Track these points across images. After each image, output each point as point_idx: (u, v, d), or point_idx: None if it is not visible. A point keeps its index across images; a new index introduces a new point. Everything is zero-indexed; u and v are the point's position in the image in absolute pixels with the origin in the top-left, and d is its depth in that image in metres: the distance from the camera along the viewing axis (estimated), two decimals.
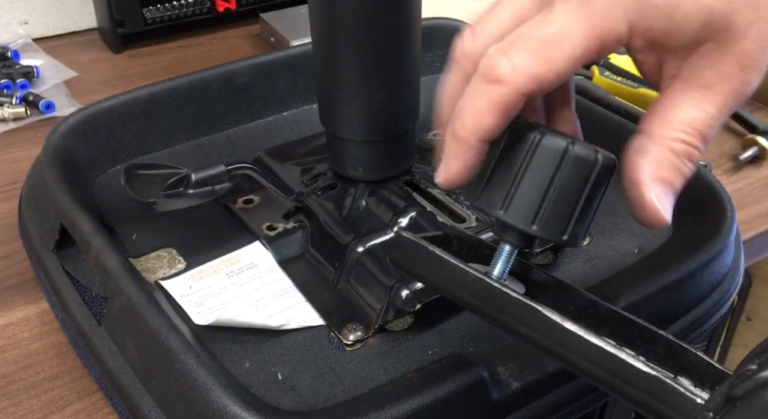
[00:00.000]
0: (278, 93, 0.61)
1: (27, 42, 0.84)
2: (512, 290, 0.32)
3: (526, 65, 0.30)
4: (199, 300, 0.45)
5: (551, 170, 0.31)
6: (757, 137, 0.65)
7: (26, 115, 0.71)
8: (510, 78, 0.30)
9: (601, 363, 0.29)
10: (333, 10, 0.44)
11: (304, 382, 0.40)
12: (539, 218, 0.32)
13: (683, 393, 0.27)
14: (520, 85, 0.30)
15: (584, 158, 0.31)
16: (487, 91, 0.30)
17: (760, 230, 0.58)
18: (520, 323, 0.31)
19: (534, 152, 0.31)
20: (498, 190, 0.32)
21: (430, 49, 0.65)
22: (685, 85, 0.31)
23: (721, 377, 0.28)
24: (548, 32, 0.30)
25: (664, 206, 0.31)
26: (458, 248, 0.39)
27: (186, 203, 0.48)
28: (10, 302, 0.51)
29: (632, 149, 0.32)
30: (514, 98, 0.30)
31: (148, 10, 0.82)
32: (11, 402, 0.44)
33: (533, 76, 0.30)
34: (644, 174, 0.31)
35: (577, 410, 0.41)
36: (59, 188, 0.47)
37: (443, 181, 0.33)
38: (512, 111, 0.31)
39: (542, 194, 0.31)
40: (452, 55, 0.34)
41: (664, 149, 0.31)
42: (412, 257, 0.35)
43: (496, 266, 0.34)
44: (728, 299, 0.46)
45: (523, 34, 0.30)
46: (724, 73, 0.30)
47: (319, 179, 0.52)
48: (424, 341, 0.42)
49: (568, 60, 0.29)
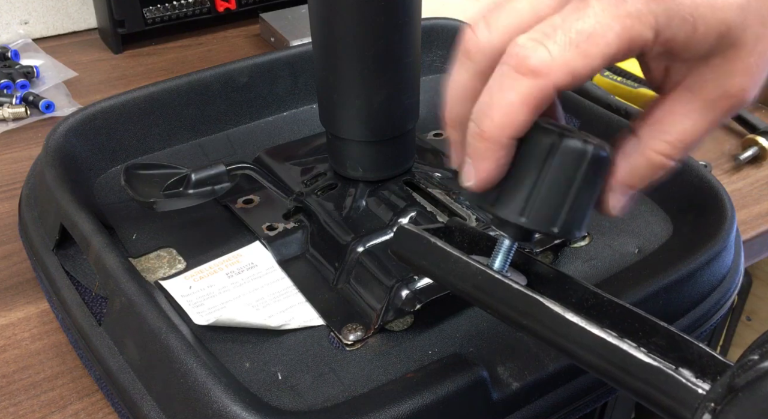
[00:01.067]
0: (278, 93, 0.61)
1: (27, 42, 0.84)
2: (514, 282, 0.32)
3: (564, 58, 0.28)
4: (199, 300, 0.45)
5: (540, 161, 0.31)
6: (757, 137, 0.65)
7: (26, 115, 0.71)
8: (547, 70, 0.28)
9: (602, 354, 0.29)
10: (333, 10, 0.44)
11: (304, 382, 0.40)
12: (528, 210, 0.31)
13: (685, 384, 0.27)
14: (558, 79, 0.28)
15: (574, 150, 0.31)
16: (520, 85, 0.28)
17: (760, 230, 0.58)
18: (522, 314, 0.31)
19: (522, 145, 0.31)
20: None
21: (430, 49, 0.65)
22: (687, 95, 0.31)
23: (722, 368, 0.28)
24: (586, 26, 0.28)
25: (620, 207, 0.33)
26: (460, 240, 0.39)
27: (186, 203, 0.48)
28: (10, 302, 0.51)
29: (619, 146, 0.32)
30: (549, 93, 0.28)
31: (148, 10, 0.82)
32: (11, 402, 0.44)
33: (571, 70, 0.28)
34: (618, 178, 0.32)
35: (577, 410, 0.41)
36: (59, 188, 0.47)
37: (474, 184, 0.32)
38: (544, 107, 0.29)
39: (531, 185, 0.31)
40: (463, 50, 0.31)
41: (645, 160, 0.32)
42: (413, 249, 0.35)
43: (497, 258, 0.34)
44: (728, 299, 0.46)
45: (558, 26, 0.28)
46: (726, 89, 0.30)
47: (319, 179, 0.52)
48: (424, 341, 0.42)
49: (604, 57, 0.28)
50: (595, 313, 0.33)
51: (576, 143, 0.31)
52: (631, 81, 0.71)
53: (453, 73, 0.32)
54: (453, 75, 0.32)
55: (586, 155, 0.31)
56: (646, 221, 0.51)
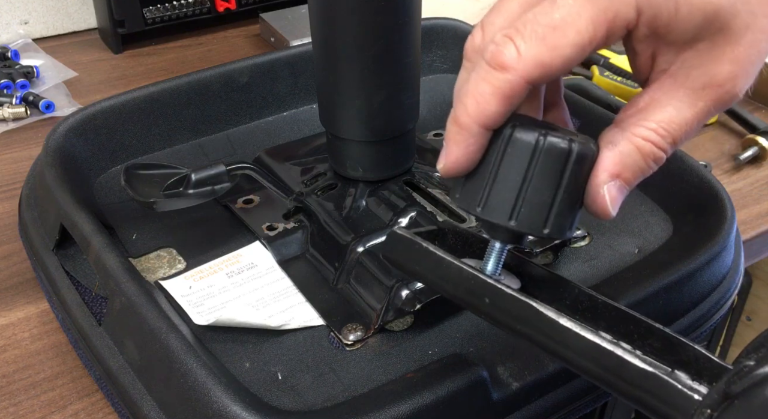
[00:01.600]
0: (278, 93, 0.61)
1: (27, 42, 0.84)
2: (506, 287, 0.31)
3: (532, 52, 0.29)
4: (199, 300, 0.45)
5: (524, 163, 0.31)
6: (757, 137, 0.65)
7: (26, 115, 0.71)
8: (516, 65, 0.29)
9: (597, 359, 0.29)
10: (333, 10, 0.44)
11: (304, 382, 0.40)
12: (516, 213, 0.31)
13: (680, 390, 0.27)
14: (526, 73, 0.29)
15: (557, 149, 0.30)
16: (492, 78, 0.30)
17: (760, 230, 0.58)
18: (515, 319, 0.31)
19: (506, 146, 0.31)
20: (475, 187, 0.32)
21: (430, 49, 0.65)
22: (672, 83, 0.31)
23: (718, 370, 0.28)
24: (554, 18, 0.29)
25: (614, 203, 0.31)
26: (453, 242, 0.39)
27: (186, 203, 0.48)
28: (10, 302, 0.51)
29: (603, 139, 0.32)
30: (519, 86, 0.30)
31: (148, 10, 0.82)
32: (11, 402, 0.44)
33: (539, 63, 0.29)
34: (604, 168, 0.31)
35: (577, 410, 0.41)
36: (59, 188, 0.47)
37: (443, 168, 0.33)
38: (517, 99, 0.30)
39: (517, 188, 0.31)
40: (464, 52, 0.33)
41: (632, 146, 0.31)
42: (406, 254, 0.35)
43: (489, 262, 0.34)
44: (728, 299, 0.46)
45: (528, 20, 0.30)
46: (712, 76, 0.30)
47: (319, 179, 0.52)
48: (424, 341, 0.42)
49: (575, 46, 0.29)
50: (590, 315, 0.33)
51: (560, 141, 0.30)
52: (631, 81, 0.71)
53: (459, 74, 0.34)
54: (459, 76, 0.34)
55: (571, 152, 0.30)
56: (646, 221, 0.51)
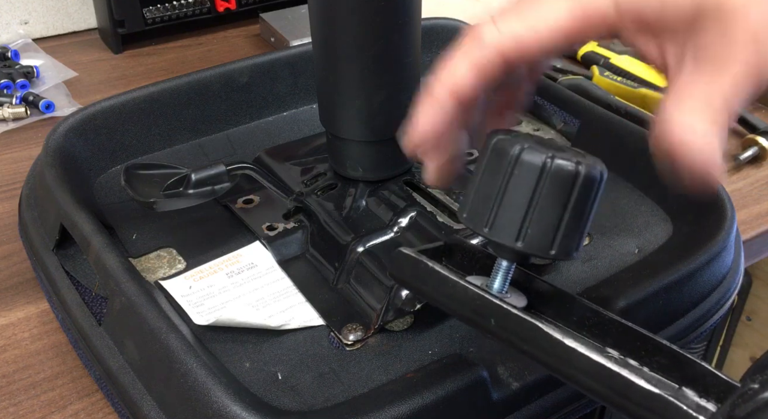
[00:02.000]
0: (278, 93, 0.61)
1: (27, 42, 0.84)
2: (512, 307, 0.31)
3: (509, 28, 0.31)
4: (199, 300, 0.45)
5: (531, 185, 0.31)
6: (757, 137, 0.65)
7: (26, 115, 0.71)
8: (490, 40, 0.31)
9: (603, 380, 0.29)
10: (333, 10, 0.44)
11: (304, 382, 0.40)
12: (523, 235, 0.31)
13: (686, 412, 0.27)
14: (501, 46, 0.31)
15: (565, 171, 0.30)
16: (467, 49, 0.32)
17: (760, 230, 0.58)
18: (521, 340, 0.31)
19: (514, 167, 0.31)
20: (482, 207, 0.32)
21: (430, 49, 0.65)
22: (693, 65, 0.29)
23: (725, 387, 0.28)
24: (536, 3, 0.31)
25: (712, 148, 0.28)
26: (460, 258, 0.38)
27: (186, 203, 0.48)
28: (10, 302, 0.51)
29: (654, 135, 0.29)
30: (492, 58, 0.31)
31: (148, 10, 0.82)
32: (11, 402, 0.44)
33: (514, 37, 0.31)
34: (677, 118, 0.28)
35: (577, 410, 0.41)
36: (59, 188, 0.47)
37: (407, 133, 0.33)
38: (490, 74, 0.31)
39: (524, 210, 0.31)
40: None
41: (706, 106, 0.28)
42: (412, 274, 0.35)
43: (496, 279, 0.34)
44: (728, 299, 0.46)
45: (513, 6, 0.32)
46: (733, 42, 0.28)
47: (319, 179, 0.52)
48: (424, 341, 0.42)
49: (551, 30, 0.30)
50: (597, 332, 0.33)
51: (567, 164, 0.30)
52: (631, 81, 0.71)
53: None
54: None
55: (578, 175, 0.30)
56: (646, 221, 0.51)
